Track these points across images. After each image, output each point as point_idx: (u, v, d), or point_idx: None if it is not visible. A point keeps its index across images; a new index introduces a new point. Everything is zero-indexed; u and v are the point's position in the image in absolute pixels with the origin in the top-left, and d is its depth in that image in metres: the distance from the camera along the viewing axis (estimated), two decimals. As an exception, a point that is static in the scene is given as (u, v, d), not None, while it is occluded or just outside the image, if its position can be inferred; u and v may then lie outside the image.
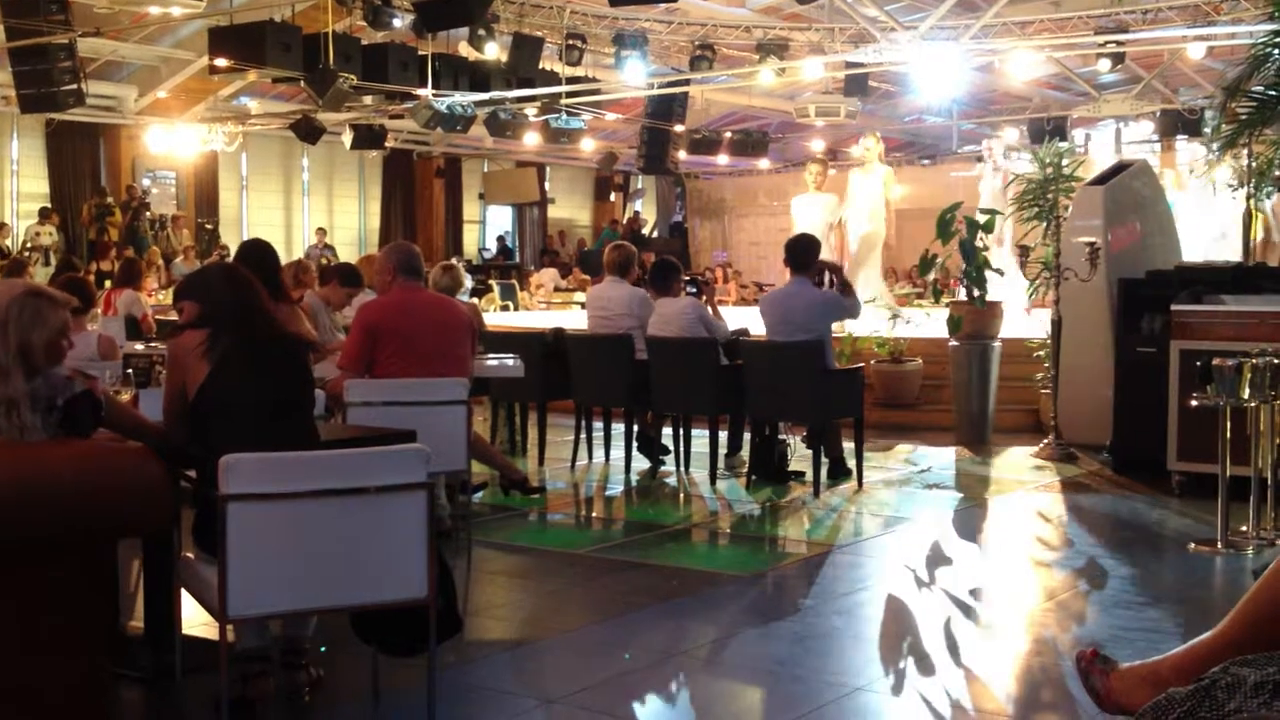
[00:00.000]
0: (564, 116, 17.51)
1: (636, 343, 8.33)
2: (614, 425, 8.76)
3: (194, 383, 3.93)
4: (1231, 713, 2.18)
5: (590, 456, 8.76)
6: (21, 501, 3.07)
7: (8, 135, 19.26)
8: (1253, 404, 6.10)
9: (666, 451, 8.61)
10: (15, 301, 3.58)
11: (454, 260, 16.11)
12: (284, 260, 7.87)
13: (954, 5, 14.39)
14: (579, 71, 16.84)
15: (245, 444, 3.57)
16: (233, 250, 19.39)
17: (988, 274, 9.46)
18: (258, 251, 6.49)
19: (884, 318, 10.70)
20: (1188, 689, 2.28)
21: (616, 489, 8.17)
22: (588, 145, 20.93)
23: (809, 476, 7.82)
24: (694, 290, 8.64)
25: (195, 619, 4.08)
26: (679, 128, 19.15)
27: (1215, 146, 10.18)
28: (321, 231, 22.04)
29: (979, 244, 9.57)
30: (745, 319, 9.71)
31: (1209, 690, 2.24)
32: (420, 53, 14.94)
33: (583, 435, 8.67)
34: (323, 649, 4.41)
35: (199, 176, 20.98)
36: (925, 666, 4.65)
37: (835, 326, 8.54)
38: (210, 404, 3.91)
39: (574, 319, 8.99)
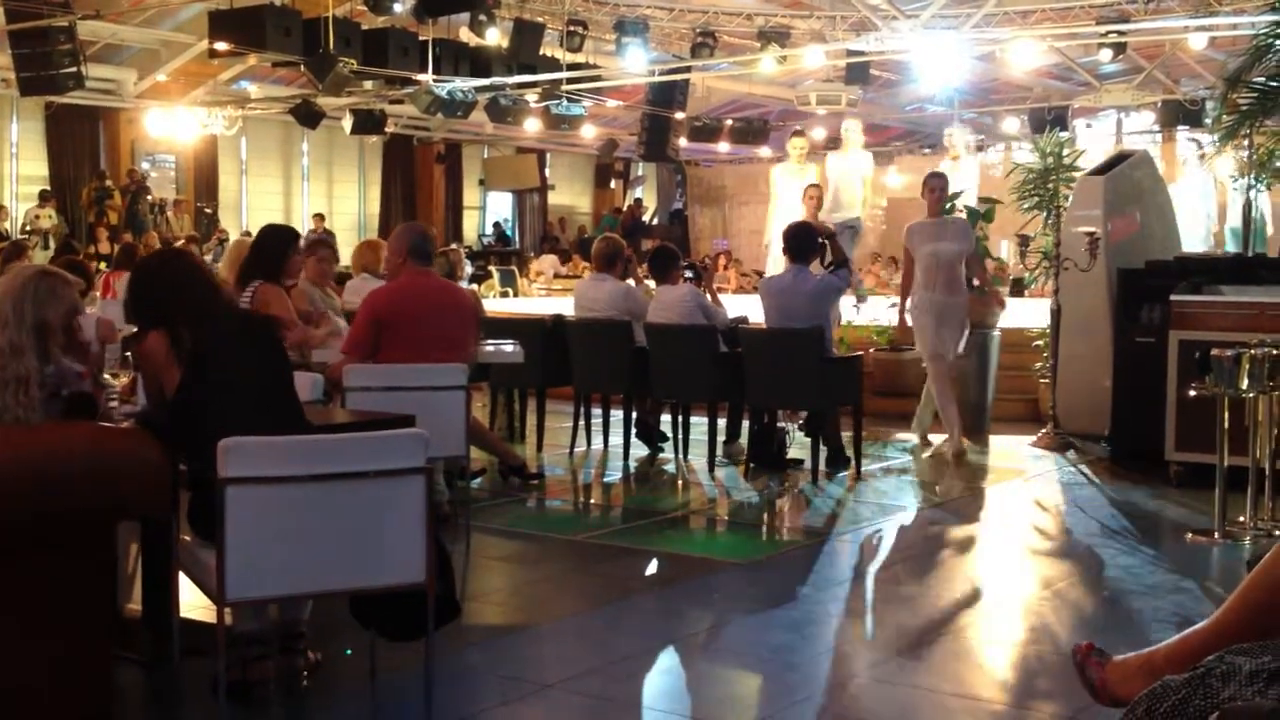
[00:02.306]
0: (565, 103, 17.46)
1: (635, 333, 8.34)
2: (613, 412, 8.77)
3: (169, 384, 3.92)
4: (1226, 700, 2.18)
5: (589, 443, 8.76)
6: (25, 483, 3.07)
7: (7, 118, 19.22)
8: (1251, 394, 6.10)
9: (665, 438, 8.62)
10: (30, 280, 3.65)
11: (454, 245, 16.14)
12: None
13: (956, -7, 14.38)
14: (580, 58, 16.80)
15: (233, 428, 3.56)
16: (233, 236, 19.49)
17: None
18: (263, 238, 6.59)
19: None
20: (1183, 677, 2.28)
21: (615, 475, 8.18)
22: (588, 132, 20.88)
23: (807, 464, 7.83)
24: (692, 277, 8.63)
25: (194, 602, 4.09)
26: (680, 115, 19.09)
27: (1216, 137, 10.16)
28: (319, 217, 21.98)
29: (979, 233, 9.58)
30: (745, 306, 9.71)
31: (1204, 678, 2.25)
32: (421, 38, 14.89)
33: (581, 421, 8.67)
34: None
35: (198, 161, 20.94)
36: (921, 654, 4.66)
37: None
38: (193, 399, 3.90)
39: (574, 307, 8.97)
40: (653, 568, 6.00)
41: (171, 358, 3.90)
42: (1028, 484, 7.89)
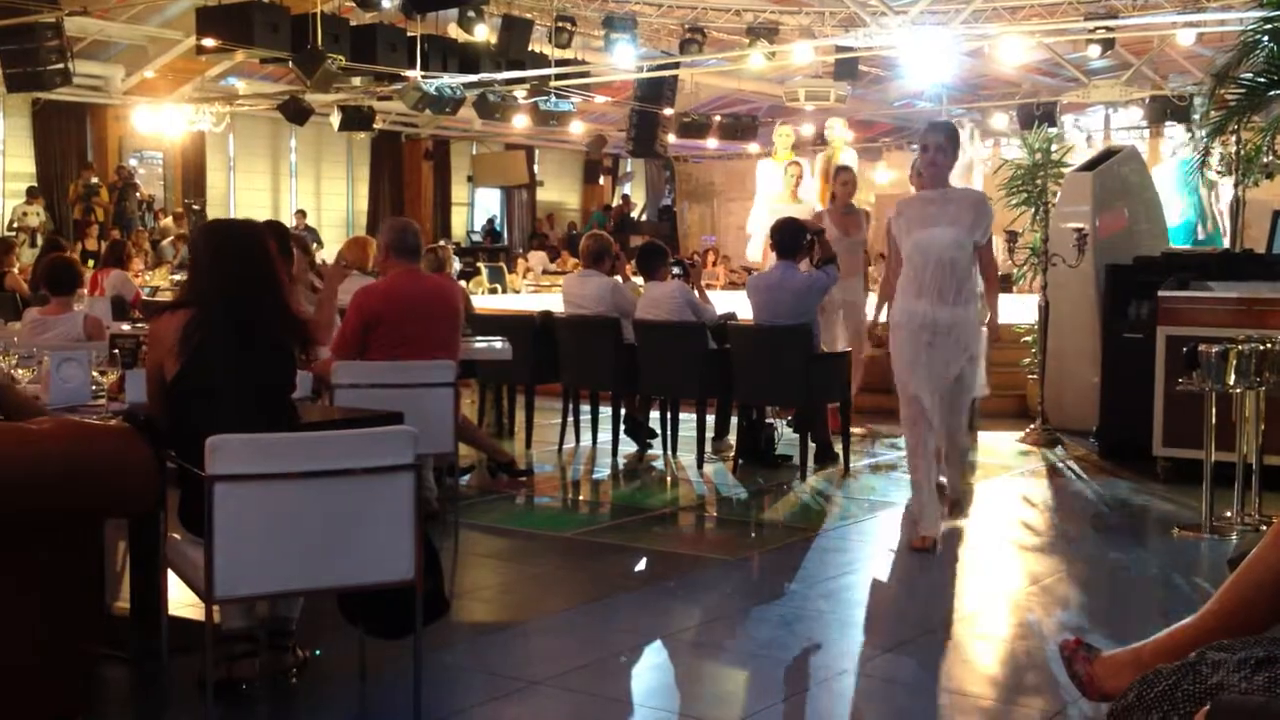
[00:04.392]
0: (553, 99, 17.47)
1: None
2: (601, 408, 8.77)
3: (170, 369, 3.92)
4: (1214, 687, 2.19)
5: (578, 439, 8.76)
6: (8, 480, 3.06)
7: (-6, 114, 19.19)
8: (1238, 390, 6.12)
9: (654, 435, 8.61)
10: None
11: (442, 242, 16.12)
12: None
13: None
14: (568, 54, 16.81)
15: (223, 429, 3.54)
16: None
17: None
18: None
19: None
20: (1173, 665, 2.30)
21: (603, 472, 8.17)
22: (577, 128, 20.89)
23: (795, 460, 7.84)
24: (680, 273, 8.64)
25: (181, 600, 4.07)
26: (668, 111, 19.12)
27: (1203, 133, 10.18)
28: (301, 214, 21.92)
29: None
30: (733, 303, 9.71)
31: (1194, 666, 2.27)
32: (409, 34, 14.89)
33: (570, 418, 8.67)
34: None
35: (186, 157, 20.89)
36: (909, 650, 4.67)
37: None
38: (187, 390, 3.90)
39: (562, 302, 8.97)
40: (641, 564, 6.00)
41: (175, 345, 3.90)
42: (1015, 480, 7.90)
